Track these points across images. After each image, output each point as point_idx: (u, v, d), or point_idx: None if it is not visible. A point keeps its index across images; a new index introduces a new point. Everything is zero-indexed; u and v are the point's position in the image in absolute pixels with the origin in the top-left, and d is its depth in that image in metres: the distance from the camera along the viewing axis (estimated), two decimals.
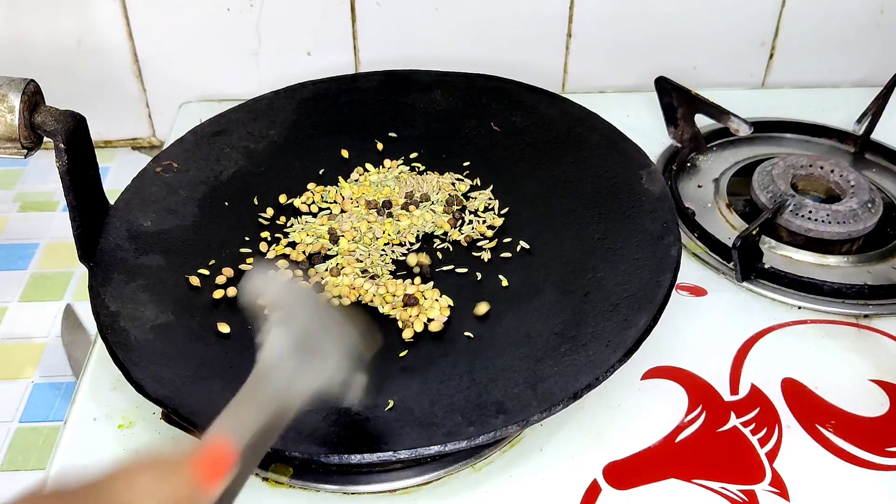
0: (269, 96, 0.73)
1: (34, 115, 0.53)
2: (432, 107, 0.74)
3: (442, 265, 0.61)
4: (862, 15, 0.85)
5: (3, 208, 0.77)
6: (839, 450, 0.53)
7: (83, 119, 0.56)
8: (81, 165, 0.56)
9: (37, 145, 0.55)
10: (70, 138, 0.54)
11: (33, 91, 0.53)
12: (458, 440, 0.46)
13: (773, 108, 0.83)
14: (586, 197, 0.64)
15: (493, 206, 0.66)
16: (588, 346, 0.52)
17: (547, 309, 0.57)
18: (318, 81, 0.75)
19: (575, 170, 0.67)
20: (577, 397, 0.48)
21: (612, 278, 0.57)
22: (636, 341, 0.51)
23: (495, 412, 0.48)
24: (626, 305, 0.54)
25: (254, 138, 0.70)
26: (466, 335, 0.55)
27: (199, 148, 0.68)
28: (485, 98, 0.73)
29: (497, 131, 0.71)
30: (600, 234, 0.61)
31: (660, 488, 0.51)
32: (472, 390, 0.51)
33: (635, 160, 0.65)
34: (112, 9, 0.79)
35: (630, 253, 0.58)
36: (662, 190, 0.62)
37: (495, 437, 0.47)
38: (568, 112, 0.71)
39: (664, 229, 0.59)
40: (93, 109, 0.82)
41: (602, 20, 0.83)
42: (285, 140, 0.71)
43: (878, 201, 0.69)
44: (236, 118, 0.71)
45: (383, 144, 0.71)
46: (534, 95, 0.73)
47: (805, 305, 0.63)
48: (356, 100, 0.74)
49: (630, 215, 0.61)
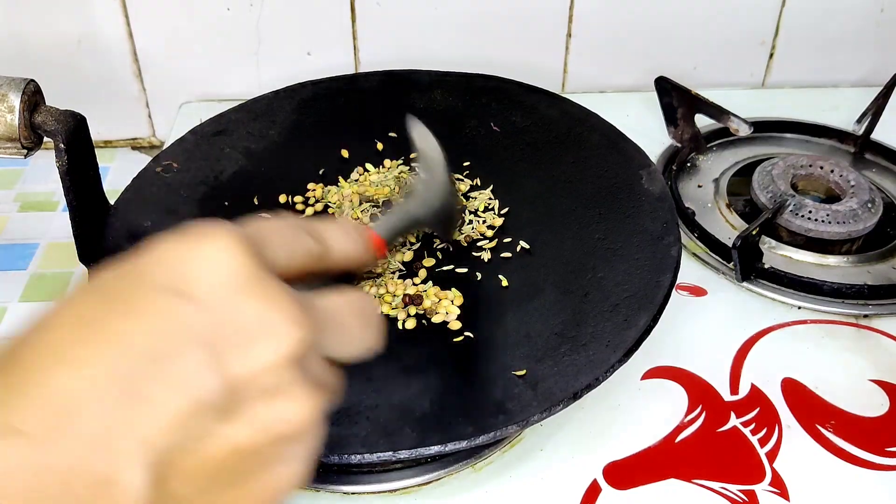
0: (269, 96, 0.73)
1: (34, 115, 0.53)
2: (432, 107, 0.74)
3: (442, 265, 0.61)
4: (862, 14, 0.85)
5: (3, 208, 0.77)
6: (839, 450, 0.53)
7: (83, 119, 0.56)
8: (81, 165, 0.56)
9: (37, 145, 0.55)
10: (70, 138, 0.54)
11: (33, 91, 0.53)
12: (458, 440, 0.46)
13: (773, 108, 0.83)
14: (586, 197, 0.64)
15: (493, 206, 0.66)
16: (588, 347, 0.52)
17: (547, 309, 0.57)
18: (317, 81, 0.75)
19: (575, 170, 0.67)
20: (577, 397, 0.48)
21: (612, 278, 0.57)
22: (636, 341, 0.51)
23: (495, 412, 0.48)
24: (626, 306, 0.54)
25: (254, 138, 0.70)
26: (467, 335, 0.55)
27: (199, 148, 0.68)
28: (484, 98, 0.73)
29: (497, 131, 0.71)
30: (600, 235, 0.61)
31: (660, 488, 0.51)
32: (473, 390, 0.51)
33: (635, 160, 0.65)
34: (112, 9, 0.79)
35: (630, 253, 0.58)
36: (662, 190, 0.62)
37: (495, 438, 0.47)
38: (568, 112, 0.71)
39: (664, 229, 0.59)
40: (93, 109, 0.82)
41: (602, 20, 0.83)
42: (285, 140, 0.71)
43: (878, 201, 0.69)
44: (236, 118, 0.71)
45: (383, 144, 0.71)
46: (533, 95, 0.73)
47: (805, 305, 0.63)
48: (356, 100, 0.74)
49: (630, 215, 0.61)
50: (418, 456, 0.46)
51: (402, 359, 0.54)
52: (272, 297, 0.29)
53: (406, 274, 0.60)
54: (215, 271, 0.28)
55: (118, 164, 0.83)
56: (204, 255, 0.28)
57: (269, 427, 0.28)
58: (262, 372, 0.28)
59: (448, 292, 0.58)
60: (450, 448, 0.47)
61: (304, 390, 0.29)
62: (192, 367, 0.27)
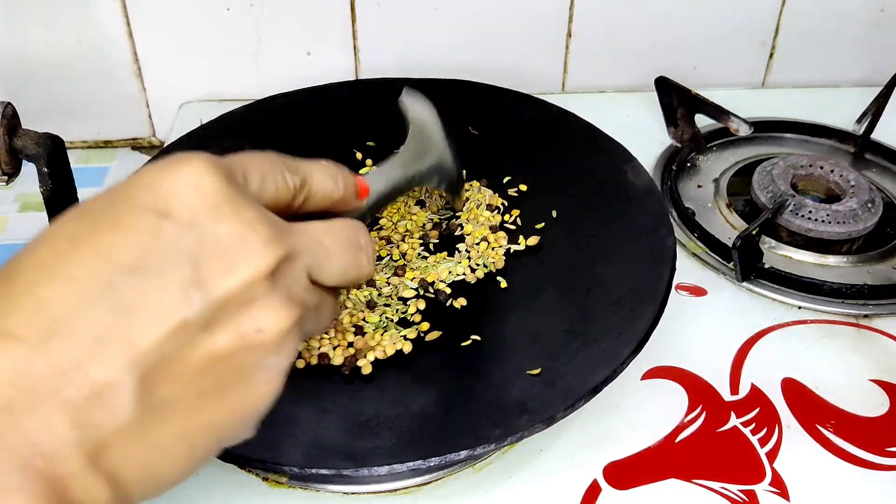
0: (241, 111, 0.72)
1: (13, 139, 0.51)
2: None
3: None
4: (862, 15, 0.85)
5: (3, 208, 0.77)
6: (839, 450, 0.53)
7: (61, 141, 0.54)
8: (63, 188, 0.55)
9: (17, 171, 0.52)
10: (52, 161, 0.52)
11: (11, 114, 0.51)
12: (486, 443, 0.45)
13: (773, 108, 0.83)
14: (573, 195, 0.64)
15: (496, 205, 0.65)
16: (599, 341, 0.52)
17: (551, 308, 0.57)
18: (289, 93, 0.73)
19: (558, 169, 0.67)
20: (597, 391, 0.48)
21: (611, 273, 0.57)
22: (647, 331, 0.50)
23: (518, 413, 0.48)
24: (631, 298, 0.54)
25: (229, 154, 0.69)
26: (474, 338, 0.55)
27: None
28: (460, 103, 0.72)
29: (475, 134, 0.71)
30: (592, 231, 0.61)
31: (660, 488, 0.51)
32: (491, 393, 0.50)
33: (617, 156, 0.65)
34: (112, 9, 0.79)
35: (625, 247, 0.58)
36: (649, 183, 0.62)
37: (522, 437, 0.46)
38: (544, 112, 0.70)
39: (656, 221, 0.59)
40: (93, 109, 0.83)
41: (602, 20, 0.83)
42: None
43: (878, 201, 0.69)
44: (210, 134, 0.69)
45: (362, 154, 0.70)
46: (507, 97, 0.72)
47: (805, 305, 0.63)
48: (329, 110, 0.73)
49: (620, 210, 0.61)
50: (449, 462, 0.46)
51: (412, 368, 0.53)
52: (248, 217, 0.31)
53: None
54: (194, 193, 0.30)
55: (118, 164, 0.83)
56: (183, 179, 0.30)
57: (246, 335, 0.30)
58: (241, 285, 0.30)
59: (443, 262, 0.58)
60: (479, 451, 0.46)
61: (280, 302, 0.31)
62: (176, 281, 0.29)
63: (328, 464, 0.46)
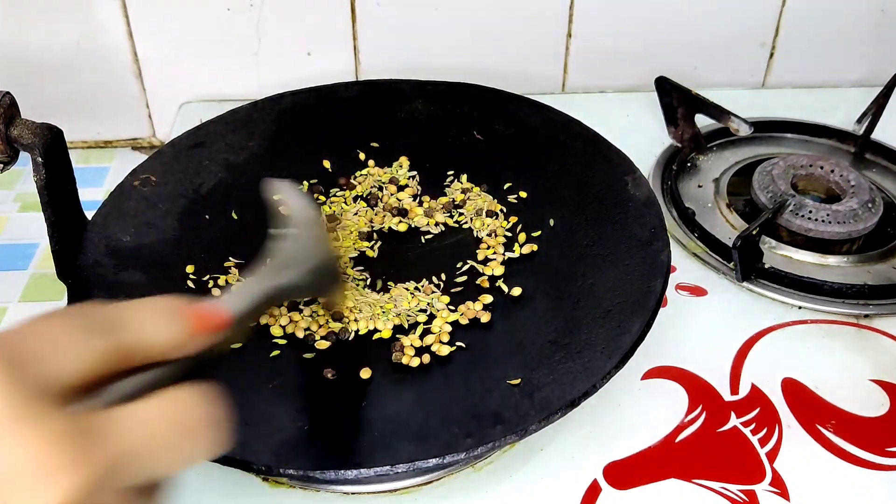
0: (247, 107, 0.72)
1: (10, 128, 0.52)
2: (413, 116, 0.73)
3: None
4: (862, 15, 0.85)
5: (3, 208, 0.77)
6: (839, 450, 0.53)
7: (60, 132, 0.54)
8: (60, 180, 0.55)
9: (13, 159, 0.53)
10: (48, 152, 0.52)
11: (9, 104, 0.52)
12: (455, 451, 0.46)
13: (773, 108, 0.83)
14: (572, 204, 0.64)
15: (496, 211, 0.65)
16: (583, 354, 0.52)
17: (539, 317, 0.56)
18: (296, 92, 0.73)
19: (560, 177, 0.66)
20: (574, 405, 0.48)
21: (602, 285, 0.56)
22: (631, 347, 0.50)
23: (493, 423, 0.48)
24: (619, 311, 0.54)
25: (233, 150, 0.69)
26: (458, 345, 0.55)
27: (178, 161, 0.66)
28: (466, 107, 0.72)
29: (480, 140, 0.71)
30: (588, 241, 0.61)
31: (660, 488, 0.51)
32: (468, 401, 0.50)
33: (620, 166, 0.64)
34: (112, 9, 0.79)
35: (619, 259, 0.58)
36: (649, 195, 0.61)
37: (493, 448, 0.47)
38: (550, 119, 0.70)
39: (652, 234, 0.58)
40: (93, 109, 0.83)
41: (602, 20, 0.83)
42: (265, 152, 0.69)
43: (878, 201, 0.69)
44: (214, 130, 0.69)
45: (365, 155, 0.70)
46: (515, 103, 0.72)
47: (805, 305, 0.63)
48: (336, 110, 0.73)
49: (618, 221, 0.61)
50: (416, 469, 0.46)
51: (393, 371, 0.53)
52: (36, 440, 0.25)
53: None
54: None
55: (118, 164, 0.83)
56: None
57: None
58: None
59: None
60: (448, 460, 0.46)
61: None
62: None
63: (296, 464, 0.46)
